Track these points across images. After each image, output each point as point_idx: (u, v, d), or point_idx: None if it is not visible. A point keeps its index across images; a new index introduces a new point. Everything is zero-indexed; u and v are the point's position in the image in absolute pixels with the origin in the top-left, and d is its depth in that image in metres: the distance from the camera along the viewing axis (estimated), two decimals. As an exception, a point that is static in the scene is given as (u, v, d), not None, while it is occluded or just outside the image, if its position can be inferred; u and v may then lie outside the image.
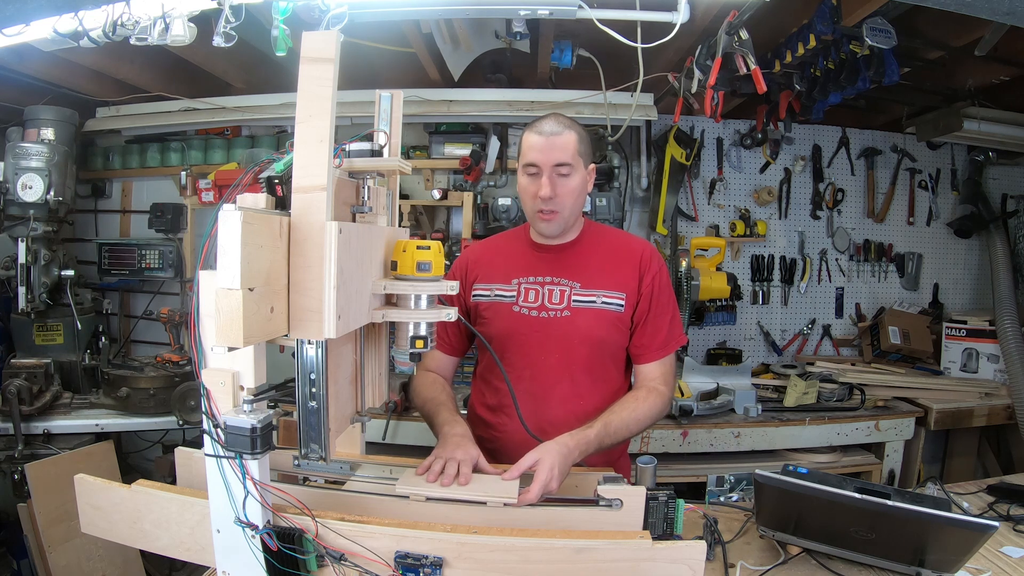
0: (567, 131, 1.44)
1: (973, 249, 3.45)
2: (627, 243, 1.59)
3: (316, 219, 0.92)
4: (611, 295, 1.50)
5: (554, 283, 1.51)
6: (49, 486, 2.27)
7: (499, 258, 1.59)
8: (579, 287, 1.50)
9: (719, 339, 3.30)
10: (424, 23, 2.30)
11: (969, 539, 1.16)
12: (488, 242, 1.70)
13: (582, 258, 1.53)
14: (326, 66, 0.93)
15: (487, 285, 1.55)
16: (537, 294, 1.51)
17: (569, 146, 1.43)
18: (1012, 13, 1.27)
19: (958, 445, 3.09)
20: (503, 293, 1.53)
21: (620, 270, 1.52)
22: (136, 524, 1.07)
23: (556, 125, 1.45)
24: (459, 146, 3.04)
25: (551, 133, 1.43)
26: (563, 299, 1.49)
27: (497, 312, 1.52)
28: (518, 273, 1.54)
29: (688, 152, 3.09)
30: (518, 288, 1.52)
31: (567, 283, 1.51)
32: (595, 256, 1.54)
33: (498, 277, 1.55)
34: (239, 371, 0.91)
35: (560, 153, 1.42)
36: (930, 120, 3.01)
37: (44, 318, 2.74)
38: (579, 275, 1.51)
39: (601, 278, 1.51)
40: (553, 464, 1.21)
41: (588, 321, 1.48)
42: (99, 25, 1.68)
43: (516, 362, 1.48)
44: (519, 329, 1.49)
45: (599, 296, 1.49)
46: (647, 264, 1.53)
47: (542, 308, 1.50)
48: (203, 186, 2.97)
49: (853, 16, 1.98)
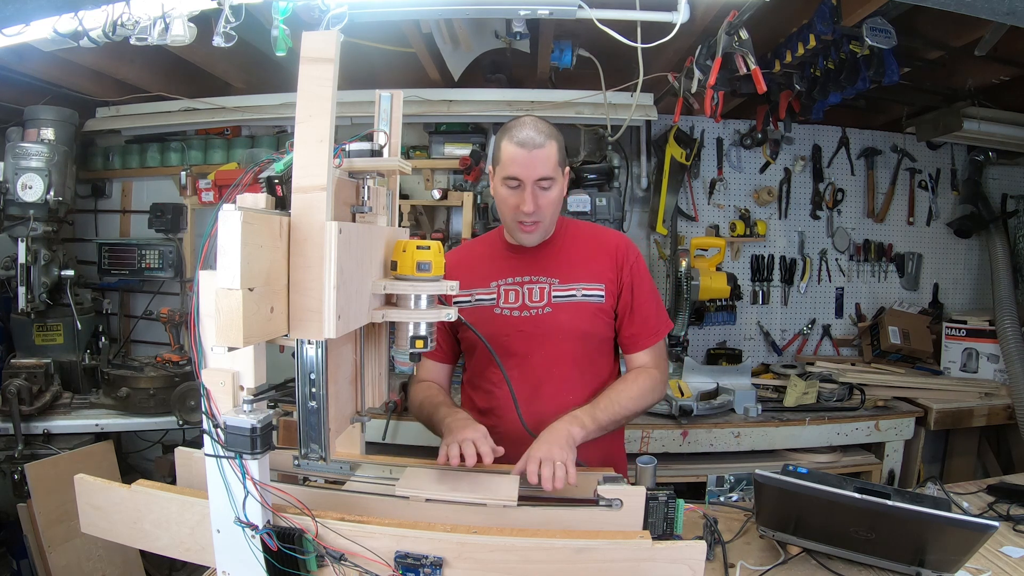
0: (548, 141, 1.41)
1: (973, 249, 3.45)
2: (602, 236, 1.60)
3: (316, 219, 0.92)
4: (590, 287, 1.52)
5: (533, 281, 1.52)
6: (49, 486, 2.27)
7: (476, 262, 1.59)
8: (558, 283, 1.52)
9: (719, 339, 3.30)
10: (424, 23, 2.30)
11: (969, 539, 1.16)
12: (463, 249, 1.71)
13: (558, 254, 1.55)
14: (326, 66, 0.93)
15: (467, 291, 1.54)
16: (517, 294, 1.52)
17: (551, 158, 1.42)
18: (1012, 13, 1.27)
19: (958, 445, 3.09)
20: (483, 297, 1.54)
21: (596, 262, 1.54)
22: (136, 524, 1.07)
23: (536, 134, 1.41)
24: (459, 146, 3.04)
25: (534, 146, 1.40)
26: (543, 296, 1.51)
27: (479, 316, 1.51)
28: (496, 276, 1.54)
29: (688, 152, 3.09)
30: (498, 290, 1.53)
31: (546, 280, 1.52)
32: (571, 251, 1.55)
33: (477, 282, 1.55)
34: (239, 371, 0.91)
35: (542, 167, 1.41)
36: (930, 120, 3.01)
37: (44, 318, 2.74)
38: (557, 271, 1.52)
39: (579, 272, 1.53)
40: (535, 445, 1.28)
41: (570, 315, 1.50)
42: (99, 25, 1.68)
43: (503, 363, 1.47)
44: (503, 331, 1.50)
45: (579, 289, 1.51)
46: (623, 254, 1.55)
47: (523, 307, 1.51)
48: (203, 186, 2.97)
49: (853, 16, 1.98)
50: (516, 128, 1.43)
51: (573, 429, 1.34)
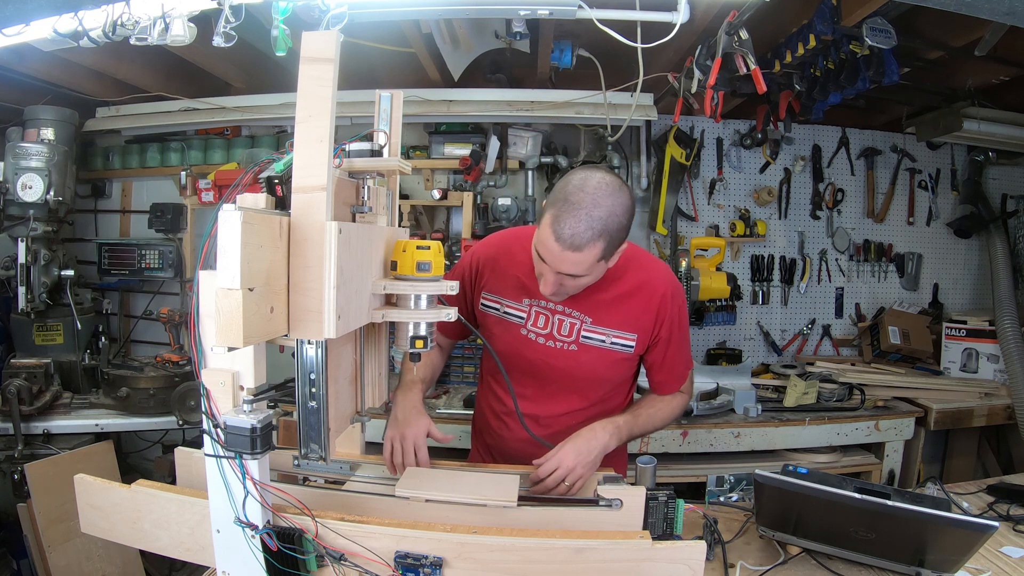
0: (590, 246, 1.21)
1: (973, 249, 3.45)
2: (649, 278, 1.45)
3: (316, 219, 0.92)
4: (622, 335, 1.44)
5: (565, 313, 1.44)
6: (49, 486, 2.27)
7: (511, 266, 1.49)
8: (590, 323, 1.44)
9: (719, 339, 3.30)
10: (424, 23, 2.30)
11: (969, 539, 1.16)
12: (501, 242, 1.56)
13: (598, 291, 1.41)
14: (326, 66, 0.93)
15: (496, 298, 1.50)
16: (547, 321, 1.45)
17: (585, 262, 1.23)
18: (1012, 13, 1.27)
19: (958, 445, 3.10)
20: (512, 312, 1.48)
21: (635, 308, 1.44)
22: (136, 524, 1.07)
23: (582, 232, 1.19)
24: (459, 146, 3.04)
25: (571, 247, 1.20)
26: (572, 332, 1.44)
27: (505, 330, 1.49)
28: (529, 294, 1.46)
29: (688, 152, 3.09)
30: (528, 311, 1.47)
31: (578, 316, 1.44)
32: (611, 289, 1.42)
33: (509, 292, 1.48)
34: (239, 371, 0.91)
35: (571, 267, 1.25)
36: (930, 120, 3.01)
37: (44, 318, 2.74)
38: (592, 309, 1.43)
39: (614, 316, 1.43)
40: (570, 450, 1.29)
41: (593, 360, 1.45)
42: (99, 25, 1.68)
43: (520, 379, 1.48)
44: (525, 353, 1.47)
45: (609, 336, 1.44)
46: (667, 305, 1.44)
47: (550, 337, 1.46)
48: (203, 186, 2.97)
49: (853, 16, 1.98)
50: (565, 208, 1.21)
51: (610, 442, 1.37)
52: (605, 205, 1.21)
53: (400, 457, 1.30)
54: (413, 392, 1.44)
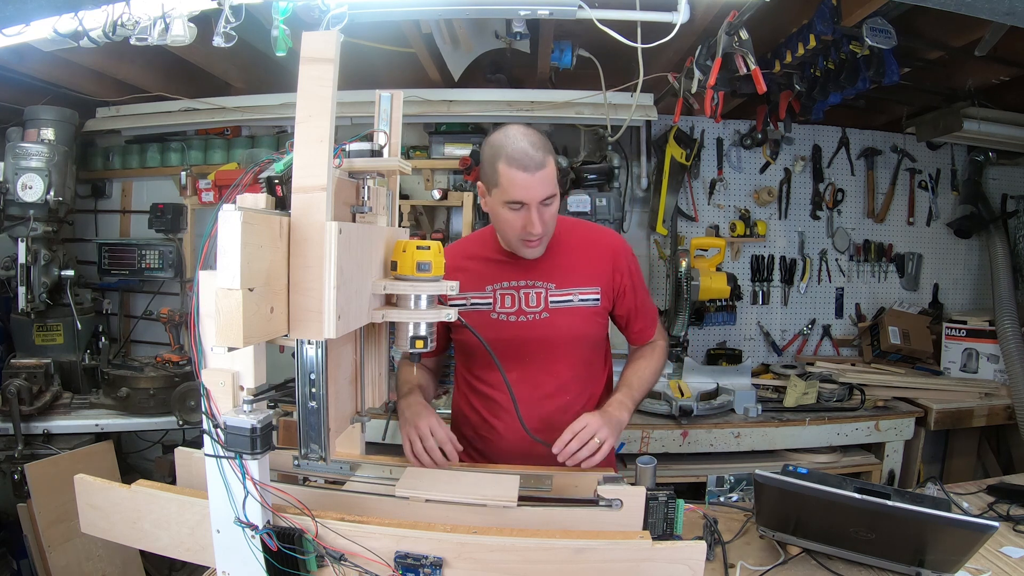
0: (547, 157, 1.37)
1: (973, 249, 3.45)
2: (596, 237, 1.60)
3: (316, 219, 0.92)
4: (586, 291, 1.52)
5: (529, 286, 1.51)
6: (49, 486, 2.27)
7: (471, 264, 1.55)
8: (554, 287, 1.51)
9: (719, 339, 3.30)
10: (424, 23, 2.30)
11: (969, 539, 1.16)
12: (457, 248, 1.66)
13: (554, 258, 1.53)
14: (326, 66, 0.93)
15: (462, 294, 1.52)
16: (514, 299, 1.51)
17: (551, 175, 1.38)
18: (1012, 13, 1.27)
19: (958, 445, 3.10)
20: (479, 301, 1.52)
21: (592, 265, 1.54)
22: (136, 524, 1.07)
23: (534, 152, 1.34)
24: (459, 146, 3.04)
25: (535, 167, 1.34)
26: (540, 301, 1.50)
27: (475, 321, 1.49)
28: (491, 279, 1.53)
29: (688, 152, 3.09)
30: (494, 295, 1.52)
31: (542, 285, 1.51)
32: (567, 254, 1.54)
33: (472, 285, 1.52)
34: (239, 371, 0.91)
35: (545, 188, 1.37)
36: (930, 120, 3.01)
37: (44, 318, 2.74)
38: (553, 275, 1.52)
39: (575, 276, 1.52)
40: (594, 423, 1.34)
41: (567, 320, 1.51)
42: (99, 25, 1.68)
43: (501, 364, 1.47)
44: (499, 336, 1.49)
45: (575, 294, 1.52)
46: (619, 257, 1.56)
47: (520, 312, 1.50)
48: (203, 186, 2.97)
49: (853, 16, 1.98)
50: (510, 146, 1.35)
51: (623, 417, 1.42)
52: (530, 131, 1.39)
53: (420, 445, 1.33)
54: (414, 395, 1.49)
